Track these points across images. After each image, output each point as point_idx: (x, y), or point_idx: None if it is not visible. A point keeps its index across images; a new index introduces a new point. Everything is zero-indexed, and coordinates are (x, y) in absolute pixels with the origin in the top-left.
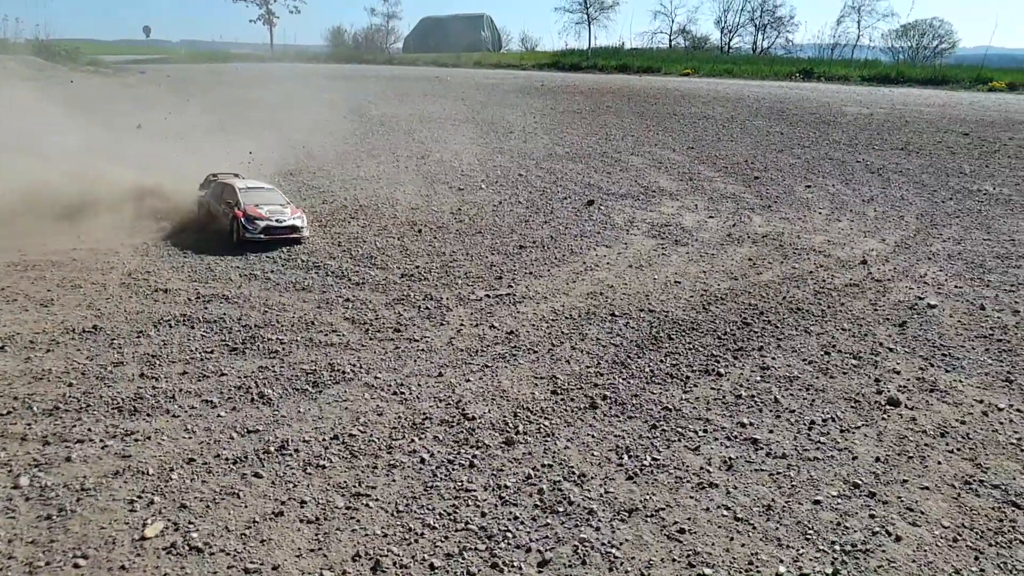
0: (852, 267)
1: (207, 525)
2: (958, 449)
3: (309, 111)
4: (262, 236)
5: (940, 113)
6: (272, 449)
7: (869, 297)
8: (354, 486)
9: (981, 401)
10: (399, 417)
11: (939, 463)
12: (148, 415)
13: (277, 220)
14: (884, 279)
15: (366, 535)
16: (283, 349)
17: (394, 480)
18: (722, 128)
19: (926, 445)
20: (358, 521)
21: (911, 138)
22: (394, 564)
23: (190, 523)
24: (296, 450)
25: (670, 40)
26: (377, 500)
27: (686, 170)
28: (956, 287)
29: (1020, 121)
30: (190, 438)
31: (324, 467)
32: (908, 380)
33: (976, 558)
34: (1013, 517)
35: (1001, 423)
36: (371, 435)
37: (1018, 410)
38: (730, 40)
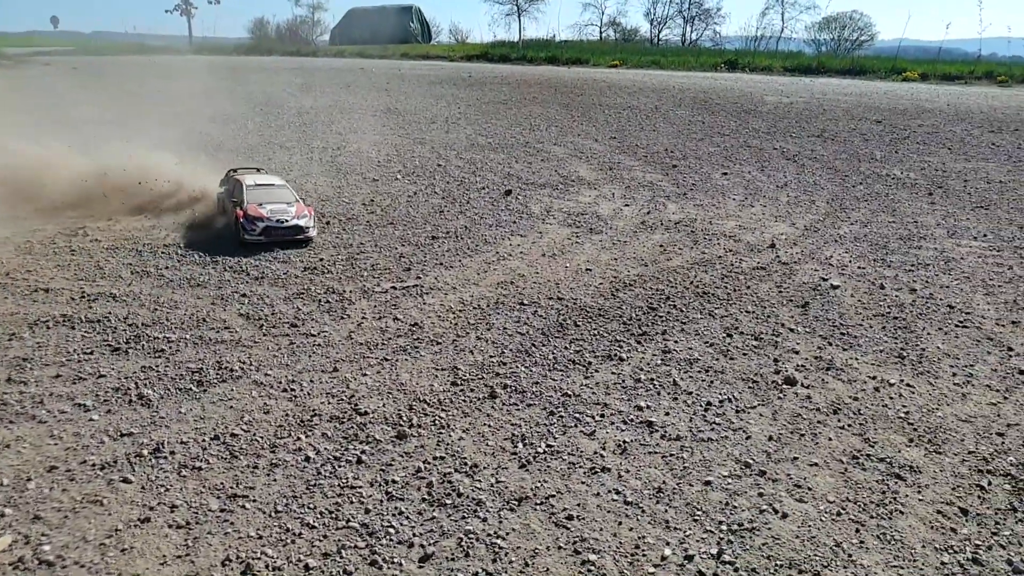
0: (761, 251)
1: (62, 537)
2: (849, 425)
3: (222, 103)
4: (261, 238)
5: (856, 102)
6: (145, 452)
7: (775, 280)
8: (231, 487)
9: (874, 377)
10: (287, 415)
11: (830, 439)
12: (11, 422)
13: (278, 220)
14: (791, 262)
15: (239, 538)
16: (170, 348)
17: (275, 480)
18: (645, 118)
19: (819, 422)
20: (232, 524)
21: (827, 125)
22: (267, 567)
23: (43, 535)
24: (172, 452)
25: (600, 32)
26: (255, 501)
27: (607, 160)
28: (859, 268)
29: (929, 109)
30: (55, 444)
31: (200, 469)
32: (806, 359)
33: (857, 530)
34: (895, 489)
35: (891, 398)
36: (255, 434)
37: (908, 385)
38: (659, 32)
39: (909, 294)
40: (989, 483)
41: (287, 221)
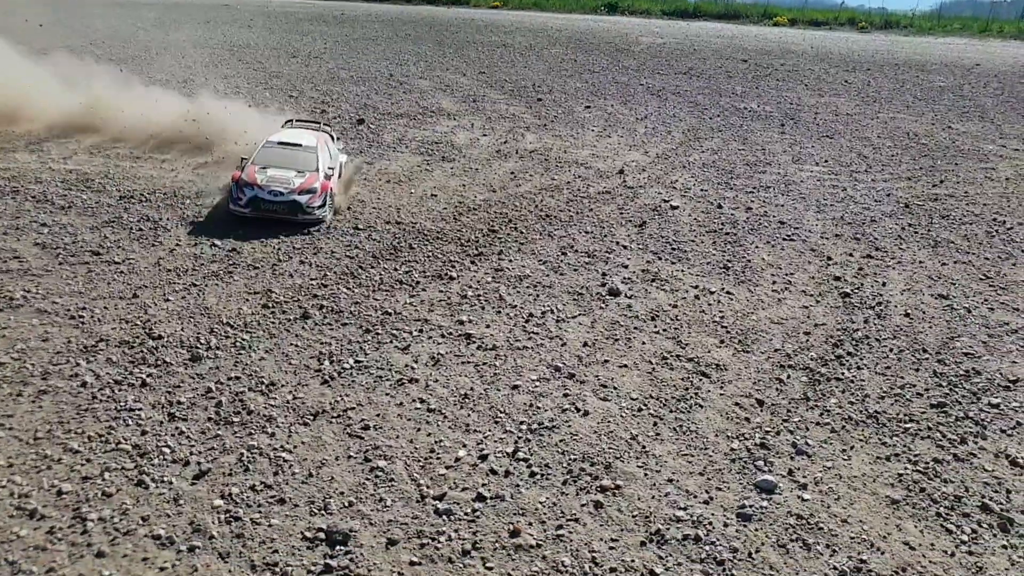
0: (609, 177)
1: None
2: (664, 330)
3: (56, 37)
4: (246, 211)
5: (727, 43)
6: None
7: (618, 203)
8: None
9: (696, 287)
10: (69, 341)
11: (643, 343)
12: None
13: (271, 192)
14: (636, 186)
15: None
16: None
17: (41, 407)
18: (518, 56)
19: (635, 328)
20: None
21: (695, 64)
22: (12, 495)
23: None
24: None
25: None
26: (12, 429)
27: (472, 93)
28: (702, 190)
29: (793, 50)
30: None
31: None
32: (633, 273)
33: (655, 424)
34: (698, 385)
35: (709, 304)
36: (26, 362)
37: (728, 292)
38: None
39: (744, 212)
40: (788, 376)
41: (283, 195)
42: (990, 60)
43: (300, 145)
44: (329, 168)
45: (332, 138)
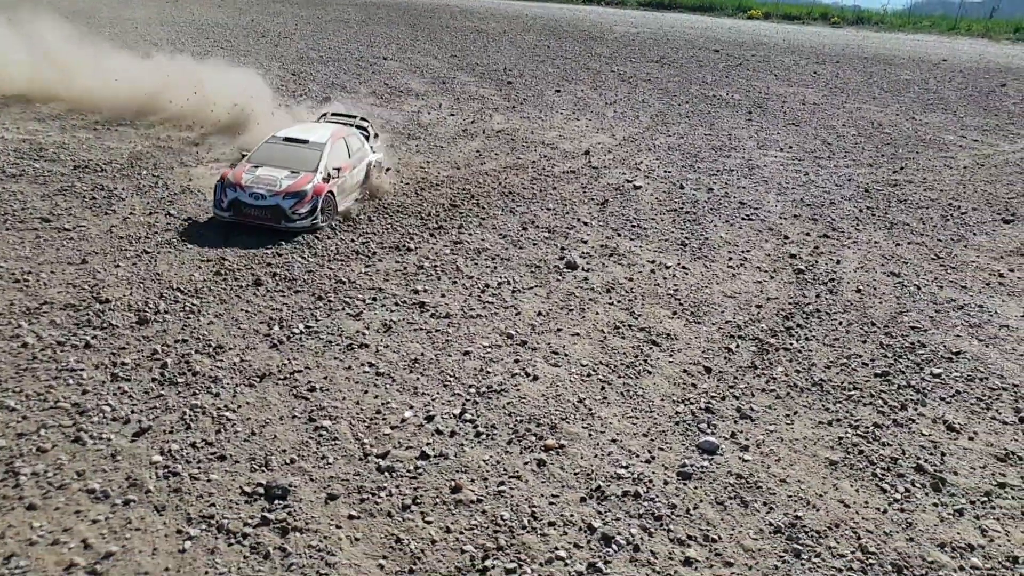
0: (575, 157)
1: None
2: (618, 301)
3: (22, 11)
4: (226, 216)
5: (700, 34)
6: None
7: (582, 182)
8: None
9: (653, 261)
10: (11, 304)
11: (597, 313)
12: None
13: (253, 195)
14: (601, 167)
15: None
16: None
17: None
18: (491, 41)
19: (590, 300)
20: None
21: (667, 53)
22: None
23: None
24: None
25: None
26: None
27: (442, 75)
28: (665, 172)
29: (765, 42)
30: None
31: None
32: (592, 248)
33: (602, 388)
34: (648, 352)
35: (664, 278)
36: None
37: (683, 267)
38: None
39: (706, 193)
40: (737, 346)
41: (264, 198)
42: (956, 56)
43: (307, 141)
44: (334, 168)
45: (368, 135)
